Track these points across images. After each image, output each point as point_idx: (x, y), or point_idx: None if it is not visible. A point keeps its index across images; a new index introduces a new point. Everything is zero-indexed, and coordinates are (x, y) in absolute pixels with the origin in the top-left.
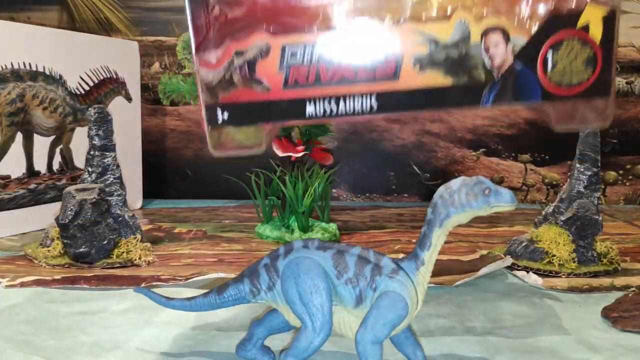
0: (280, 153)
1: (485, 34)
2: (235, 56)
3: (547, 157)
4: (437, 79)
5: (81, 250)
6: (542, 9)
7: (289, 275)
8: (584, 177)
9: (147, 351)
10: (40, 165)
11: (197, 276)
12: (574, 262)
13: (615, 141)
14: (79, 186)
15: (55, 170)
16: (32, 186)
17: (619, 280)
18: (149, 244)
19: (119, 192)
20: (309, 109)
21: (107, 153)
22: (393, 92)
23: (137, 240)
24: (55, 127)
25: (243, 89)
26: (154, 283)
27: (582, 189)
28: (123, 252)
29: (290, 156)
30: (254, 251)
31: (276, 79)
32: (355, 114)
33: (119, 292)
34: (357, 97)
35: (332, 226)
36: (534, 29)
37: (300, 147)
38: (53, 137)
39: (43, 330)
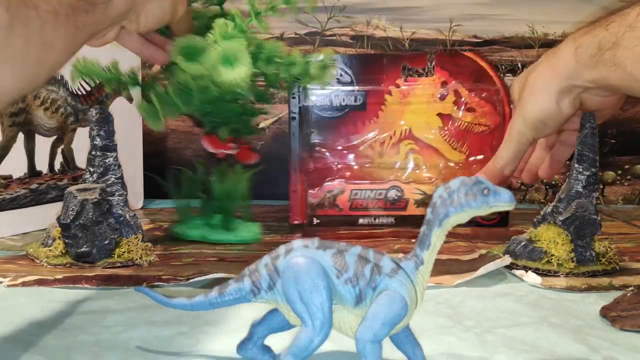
0: (210, 149)
1: None
2: (327, 192)
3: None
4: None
5: (82, 250)
6: None
7: (290, 275)
8: (582, 177)
9: (148, 350)
10: (41, 165)
11: (197, 276)
12: (573, 261)
13: (613, 141)
14: (80, 186)
15: (57, 171)
16: (34, 186)
17: (618, 280)
18: (149, 244)
19: (120, 192)
20: (361, 220)
21: (109, 153)
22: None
23: (138, 240)
24: (56, 127)
25: (329, 209)
26: (155, 283)
27: (580, 189)
28: (124, 252)
29: (216, 154)
30: (255, 251)
31: (346, 205)
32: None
33: (120, 292)
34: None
35: (255, 225)
36: None
37: (231, 144)
38: (54, 137)
39: (44, 329)
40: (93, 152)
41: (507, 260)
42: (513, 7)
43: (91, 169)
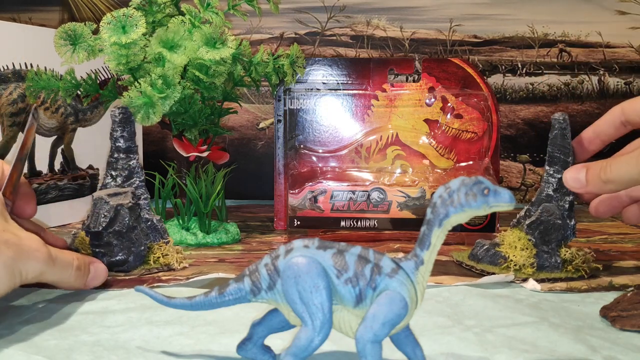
0: (184, 153)
1: None
2: (309, 193)
3: (546, 157)
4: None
5: (118, 258)
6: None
7: (290, 275)
8: (553, 180)
9: (148, 350)
10: (41, 165)
11: (197, 276)
12: (532, 267)
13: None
14: (109, 191)
15: (57, 171)
16: (34, 186)
17: (618, 280)
18: (180, 247)
19: (146, 196)
20: (342, 223)
21: (132, 155)
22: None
23: (170, 244)
24: (56, 127)
25: (310, 210)
26: (155, 283)
27: (551, 192)
28: (159, 257)
29: (189, 156)
30: (255, 251)
31: (327, 206)
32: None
33: (120, 292)
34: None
35: (233, 225)
36: None
37: (204, 147)
38: (54, 137)
39: (45, 329)
40: (116, 155)
41: (511, 276)
42: (513, 7)
43: (114, 173)
